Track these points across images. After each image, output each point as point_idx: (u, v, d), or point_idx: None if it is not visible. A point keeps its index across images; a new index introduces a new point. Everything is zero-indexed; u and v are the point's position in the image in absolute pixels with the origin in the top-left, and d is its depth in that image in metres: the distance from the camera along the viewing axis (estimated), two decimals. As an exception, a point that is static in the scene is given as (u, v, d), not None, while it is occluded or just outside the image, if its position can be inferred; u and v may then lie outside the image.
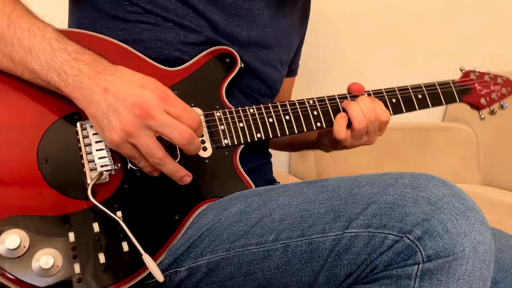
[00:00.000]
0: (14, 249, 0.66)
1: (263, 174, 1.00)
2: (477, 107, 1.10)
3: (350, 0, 1.79)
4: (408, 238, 0.63)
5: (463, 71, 1.10)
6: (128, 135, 0.68)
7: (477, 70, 1.11)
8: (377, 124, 0.93)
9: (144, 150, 0.69)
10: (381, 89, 0.97)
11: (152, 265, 0.70)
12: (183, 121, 0.69)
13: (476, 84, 1.09)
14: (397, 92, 0.98)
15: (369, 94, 0.96)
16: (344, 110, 0.92)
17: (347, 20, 1.80)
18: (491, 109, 1.10)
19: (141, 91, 0.68)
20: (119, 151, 0.71)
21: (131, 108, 0.67)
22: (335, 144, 0.98)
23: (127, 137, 0.68)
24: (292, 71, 1.18)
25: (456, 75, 1.07)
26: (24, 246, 0.67)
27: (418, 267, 0.62)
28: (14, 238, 0.66)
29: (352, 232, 0.66)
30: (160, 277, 0.69)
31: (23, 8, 0.74)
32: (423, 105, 1.00)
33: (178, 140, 0.69)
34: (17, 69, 0.72)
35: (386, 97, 0.96)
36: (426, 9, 1.87)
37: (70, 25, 0.96)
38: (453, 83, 1.05)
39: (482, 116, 1.10)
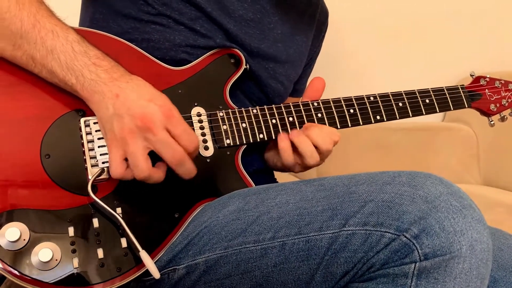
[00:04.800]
0: (14, 242, 0.67)
1: (266, 178, 1.00)
2: (486, 113, 1.08)
3: (353, 2, 1.79)
4: (405, 237, 0.62)
5: (473, 77, 1.09)
6: (123, 141, 0.70)
7: (487, 76, 1.09)
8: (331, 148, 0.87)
9: (131, 160, 0.70)
10: (388, 93, 0.96)
11: (149, 262, 0.70)
12: (180, 141, 0.71)
13: (486, 90, 1.08)
14: (404, 96, 0.97)
15: (374, 97, 0.94)
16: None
17: (350, 21, 1.80)
18: (502, 115, 1.08)
19: (148, 104, 0.70)
20: (115, 154, 0.72)
21: (134, 118, 0.69)
22: (283, 168, 0.94)
23: (123, 144, 0.70)
24: (297, 92, 1.17)
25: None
26: (24, 239, 0.68)
27: (415, 265, 0.62)
28: (14, 231, 0.67)
29: (349, 230, 0.66)
30: (156, 274, 0.69)
31: (47, 9, 0.76)
32: (430, 110, 0.99)
33: (169, 159, 0.71)
34: (36, 67, 0.74)
35: (392, 101, 0.96)
36: (428, 10, 1.86)
37: (82, 19, 0.98)
38: (462, 88, 1.04)
39: (492, 122, 1.09)
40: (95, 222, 0.72)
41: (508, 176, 1.66)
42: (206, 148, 0.82)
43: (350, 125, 0.93)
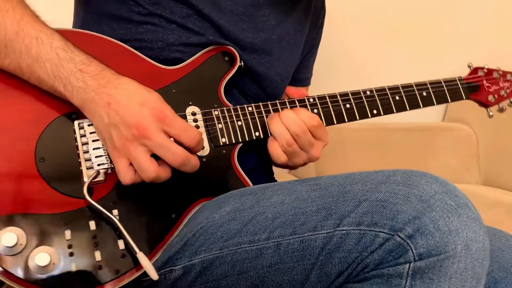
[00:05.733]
0: (11, 247, 0.67)
1: (264, 176, 1.00)
2: (485, 104, 1.07)
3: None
4: (399, 236, 0.62)
5: (471, 68, 1.08)
6: (124, 149, 0.69)
7: (486, 67, 1.08)
8: (309, 136, 0.85)
9: (136, 165, 0.70)
10: (384, 87, 0.96)
11: (146, 264, 0.70)
12: (181, 140, 0.70)
13: (484, 81, 1.07)
14: (401, 89, 0.96)
15: (371, 92, 0.94)
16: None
17: (350, 18, 1.79)
18: (500, 106, 1.08)
19: (140, 110, 0.69)
20: (120, 163, 0.72)
21: (129, 127, 0.68)
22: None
23: (125, 152, 0.70)
24: (301, 81, 1.16)
25: (460, 73, 1.05)
26: (21, 244, 0.68)
27: (409, 265, 0.61)
28: (11, 236, 0.67)
29: (343, 230, 0.65)
30: (154, 275, 0.70)
31: (32, 14, 0.75)
32: (427, 102, 0.98)
33: (171, 161, 0.70)
34: (24, 75, 0.74)
35: (389, 94, 0.95)
36: (429, 7, 1.85)
37: (74, 23, 0.97)
38: (459, 80, 1.03)
39: (491, 113, 1.08)
40: (92, 225, 0.72)
41: (508, 176, 1.66)
42: (202, 147, 0.82)
43: (347, 120, 0.92)
